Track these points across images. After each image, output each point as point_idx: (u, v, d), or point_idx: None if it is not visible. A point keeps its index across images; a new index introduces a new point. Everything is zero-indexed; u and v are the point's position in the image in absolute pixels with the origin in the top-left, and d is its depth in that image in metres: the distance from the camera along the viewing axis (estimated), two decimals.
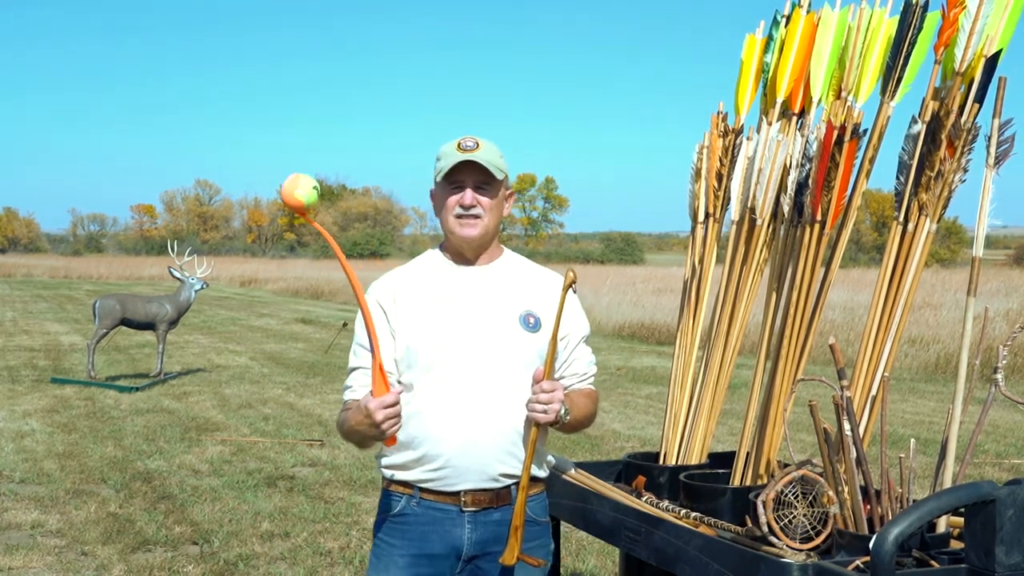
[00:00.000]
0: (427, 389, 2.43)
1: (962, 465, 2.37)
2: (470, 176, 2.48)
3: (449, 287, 2.51)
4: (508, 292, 2.53)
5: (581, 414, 2.50)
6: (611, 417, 9.97)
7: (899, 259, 2.58)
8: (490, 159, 2.47)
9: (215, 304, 28.20)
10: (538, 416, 2.37)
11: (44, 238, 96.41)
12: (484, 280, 2.53)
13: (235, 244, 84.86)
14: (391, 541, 2.50)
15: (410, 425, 2.42)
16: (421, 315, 2.48)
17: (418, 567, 2.48)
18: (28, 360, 14.18)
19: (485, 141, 2.51)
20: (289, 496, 6.62)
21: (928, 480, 2.97)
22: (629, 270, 38.89)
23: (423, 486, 2.47)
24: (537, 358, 2.46)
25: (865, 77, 2.70)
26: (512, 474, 2.47)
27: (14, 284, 40.21)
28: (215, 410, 10.12)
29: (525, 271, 2.62)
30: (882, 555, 1.86)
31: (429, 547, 2.47)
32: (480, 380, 2.44)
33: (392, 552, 2.49)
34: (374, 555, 2.55)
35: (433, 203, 2.60)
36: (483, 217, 2.49)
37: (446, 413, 2.43)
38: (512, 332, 2.48)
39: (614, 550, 5.03)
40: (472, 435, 2.43)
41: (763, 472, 2.74)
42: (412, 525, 2.48)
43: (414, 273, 2.57)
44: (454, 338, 2.44)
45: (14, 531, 5.78)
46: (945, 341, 13.94)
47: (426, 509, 2.48)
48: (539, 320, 2.51)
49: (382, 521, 2.55)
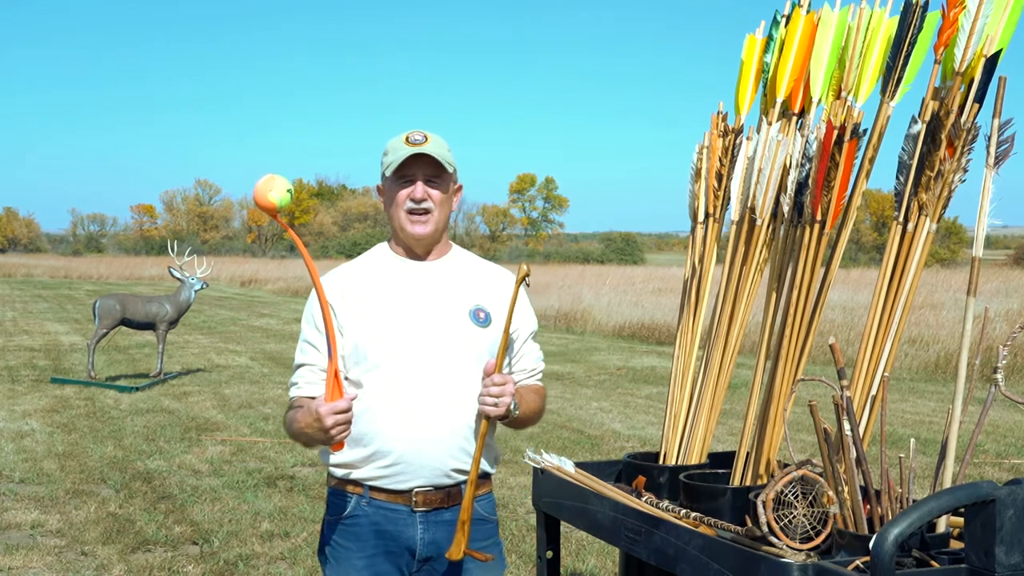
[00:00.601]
0: (377, 386, 2.41)
1: (962, 465, 2.37)
2: (420, 170, 2.47)
3: (398, 283, 2.50)
4: (458, 288, 2.52)
5: (530, 409, 2.51)
6: (611, 417, 9.96)
7: (899, 259, 2.58)
8: (440, 152, 2.46)
9: (215, 304, 28.20)
10: (488, 409, 2.37)
11: (44, 238, 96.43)
12: (434, 276, 2.52)
13: (235, 244, 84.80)
14: (345, 543, 2.48)
15: (360, 422, 2.39)
16: (370, 312, 2.46)
17: (376, 567, 2.46)
18: (28, 360, 14.18)
19: (433, 134, 2.50)
20: (289, 496, 6.62)
21: (928, 480, 2.97)
22: (629, 270, 38.89)
23: (373, 484, 2.46)
24: (487, 353, 2.46)
25: (865, 77, 2.70)
26: (464, 470, 2.46)
27: (14, 284, 40.20)
28: (215, 410, 10.12)
29: (474, 267, 2.61)
30: (882, 555, 1.86)
31: (384, 546, 2.46)
32: (431, 376, 2.43)
33: (349, 555, 2.47)
34: (331, 557, 2.51)
35: (381, 199, 2.58)
36: (433, 212, 2.48)
37: (397, 410, 2.42)
38: (462, 327, 2.47)
39: (614, 550, 5.03)
40: (424, 431, 2.42)
41: (763, 472, 2.74)
42: (364, 526, 2.47)
43: (362, 269, 2.55)
44: (404, 334, 2.42)
45: (14, 531, 5.78)
46: (945, 341, 13.95)
47: (377, 509, 2.47)
48: (489, 315, 2.51)
49: (334, 523, 2.52)
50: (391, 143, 2.51)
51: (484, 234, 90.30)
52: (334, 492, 2.53)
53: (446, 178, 2.51)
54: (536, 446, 7.19)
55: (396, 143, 2.49)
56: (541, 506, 2.98)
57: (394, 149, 2.48)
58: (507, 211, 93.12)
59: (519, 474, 7.24)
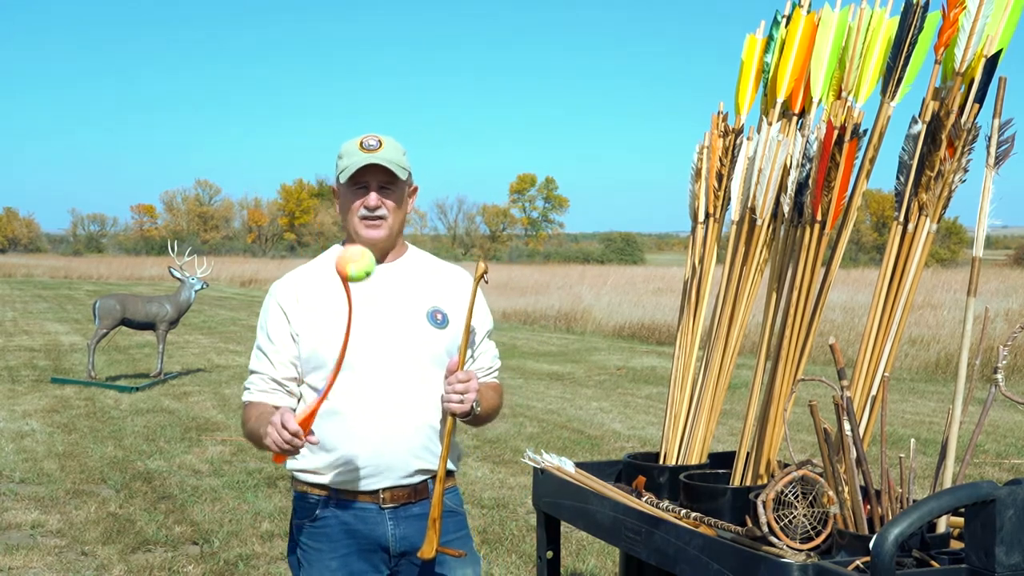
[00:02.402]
0: (337, 391, 2.34)
1: (962, 465, 2.37)
2: (374, 177, 2.46)
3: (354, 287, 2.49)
4: (414, 289, 2.53)
5: (489, 406, 2.53)
6: (611, 417, 9.97)
7: (899, 259, 2.58)
8: (393, 158, 2.45)
9: (215, 304, 28.20)
10: (454, 407, 2.38)
11: (44, 238, 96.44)
12: (390, 278, 2.52)
13: (235, 244, 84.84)
14: (316, 546, 2.47)
15: (324, 427, 2.36)
16: (326, 316, 2.44)
17: (350, 566, 2.47)
18: (28, 360, 14.19)
19: (388, 139, 2.49)
20: (289, 496, 6.62)
21: (928, 480, 2.97)
22: (629, 270, 38.90)
23: (340, 487, 2.45)
24: (446, 354, 2.47)
25: (865, 77, 2.70)
26: (428, 469, 2.48)
27: (14, 284, 40.21)
28: (215, 410, 10.12)
29: (431, 267, 2.62)
30: (882, 555, 1.86)
31: (356, 544, 2.47)
32: (390, 378, 2.43)
33: (320, 556, 2.47)
34: (303, 561, 2.49)
35: (337, 202, 2.57)
36: (387, 218, 2.48)
37: (359, 414, 2.41)
38: (420, 329, 2.48)
39: (614, 550, 5.03)
40: (387, 434, 2.42)
41: (763, 472, 2.74)
42: (334, 527, 2.47)
43: (317, 272, 2.53)
44: (361, 338, 2.39)
45: (14, 531, 5.78)
46: (945, 341, 13.95)
47: (345, 509, 2.46)
48: (447, 316, 2.52)
49: (302, 525, 2.51)
50: (345, 147, 2.49)
51: (484, 234, 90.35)
52: (301, 496, 2.52)
53: (400, 184, 2.51)
54: (536, 446, 7.20)
55: (350, 147, 2.47)
56: (541, 506, 2.98)
57: (348, 154, 2.46)
58: (507, 211, 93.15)
59: (519, 474, 7.24)
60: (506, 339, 18.21)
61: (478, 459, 7.85)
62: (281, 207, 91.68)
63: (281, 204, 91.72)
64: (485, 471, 7.43)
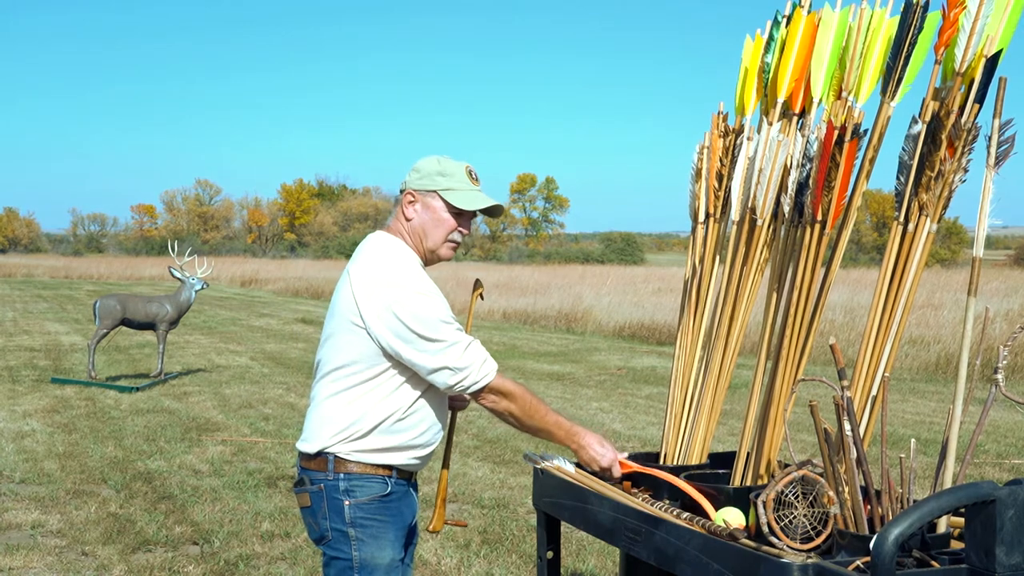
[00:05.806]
0: (422, 385, 2.69)
1: (962, 465, 2.37)
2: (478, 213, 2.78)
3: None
4: None
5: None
6: (611, 417, 9.97)
7: (899, 259, 2.58)
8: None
9: (215, 304, 28.20)
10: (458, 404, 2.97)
11: (44, 238, 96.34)
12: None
13: (235, 244, 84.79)
14: (383, 519, 2.72)
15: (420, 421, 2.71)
16: None
17: (402, 539, 2.77)
18: (28, 360, 14.18)
19: None
20: (289, 496, 6.62)
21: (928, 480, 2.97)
22: (629, 270, 38.90)
23: (403, 468, 2.75)
24: None
25: (865, 77, 2.70)
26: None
27: (14, 284, 40.21)
28: (215, 410, 10.12)
29: None
30: (882, 555, 1.86)
31: (404, 520, 2.77)
32: None
33: (386, 530, 2.72)
34: (367, 535, 2.71)
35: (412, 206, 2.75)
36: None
37: (438, 407, 2.77)
38: None
39: (614, 550, 5.03)
40: (445, 424, 2.87)
41: (763, 472, 2.74)
42: (394, 502, 2.74)
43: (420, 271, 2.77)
44: None
45: (14, 531, 5.78)
46: (945, 341, 13.94)
47: (398, 486, 2.75)
48: None
49: (366, 503, 2.73)
50: (450, 167, 2.73)
51: (484, 234, 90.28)
52: (366, 477, 2.71)
53: None
54: (536, 446, 7.20)
55: (457, 170, 2.72)
56: (541, 506, 2.98)
57: (460, 180, 2.72)
58: (507, 211, 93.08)
59: (519, 474, 7.24)
60: (506, 339, 18.21)
61: (478, 459, 7.85)
62: (281, 207, 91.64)
63: (281, 204, 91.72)
64: (485, 471, 7.43)
